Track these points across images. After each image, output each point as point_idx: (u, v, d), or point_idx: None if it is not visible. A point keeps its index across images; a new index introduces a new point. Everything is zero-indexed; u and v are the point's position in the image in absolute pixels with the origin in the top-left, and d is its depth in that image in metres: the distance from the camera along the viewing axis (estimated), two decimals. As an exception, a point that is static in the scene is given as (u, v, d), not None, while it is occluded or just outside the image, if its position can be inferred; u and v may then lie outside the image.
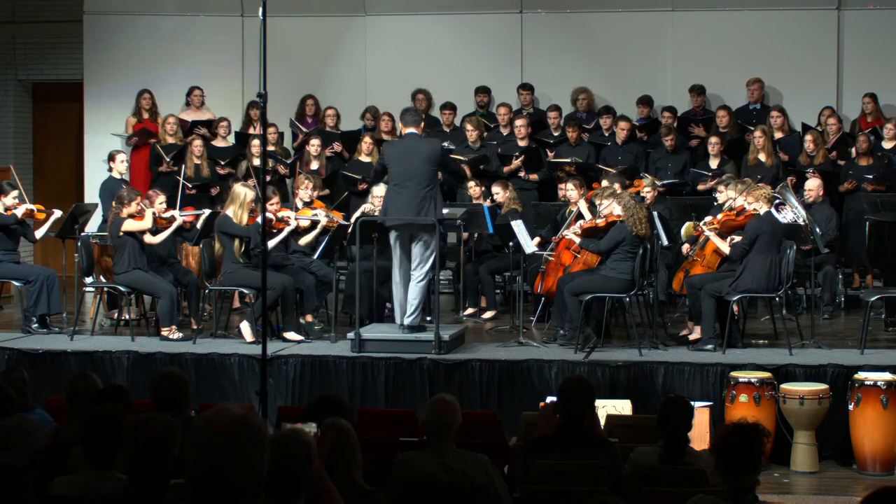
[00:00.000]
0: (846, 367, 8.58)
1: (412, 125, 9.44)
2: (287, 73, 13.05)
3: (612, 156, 12.54)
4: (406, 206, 9.15)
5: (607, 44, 13.77)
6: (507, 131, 13.04)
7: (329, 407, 4.85)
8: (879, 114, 12.80)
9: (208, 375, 9.26)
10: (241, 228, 9.76)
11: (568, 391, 5.69)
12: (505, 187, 11.50)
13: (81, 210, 11.15)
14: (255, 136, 12.48)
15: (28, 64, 15.26)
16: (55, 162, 15.38)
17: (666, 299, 11.00)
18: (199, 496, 2.81)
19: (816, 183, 11.37)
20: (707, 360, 8.91)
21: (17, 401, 5.81)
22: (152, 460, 3.83)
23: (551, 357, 9.08)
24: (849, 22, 13.40)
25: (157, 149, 12.77)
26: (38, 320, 10.36)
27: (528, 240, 10.15)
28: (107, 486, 4.48)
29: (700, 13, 13.66)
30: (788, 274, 9.38)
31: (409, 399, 8.76)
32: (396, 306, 9.45)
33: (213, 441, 2.82)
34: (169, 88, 13.68)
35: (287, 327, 9.85)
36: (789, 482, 8.01)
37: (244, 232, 9.76)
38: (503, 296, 12.07)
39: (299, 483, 3.61)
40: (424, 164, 9.16)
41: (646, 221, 9.41)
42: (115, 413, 4.71)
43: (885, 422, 8.09)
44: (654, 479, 5.42)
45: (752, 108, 13.22)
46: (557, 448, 5.55)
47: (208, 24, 14.24)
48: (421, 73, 13.69)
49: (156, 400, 5.66)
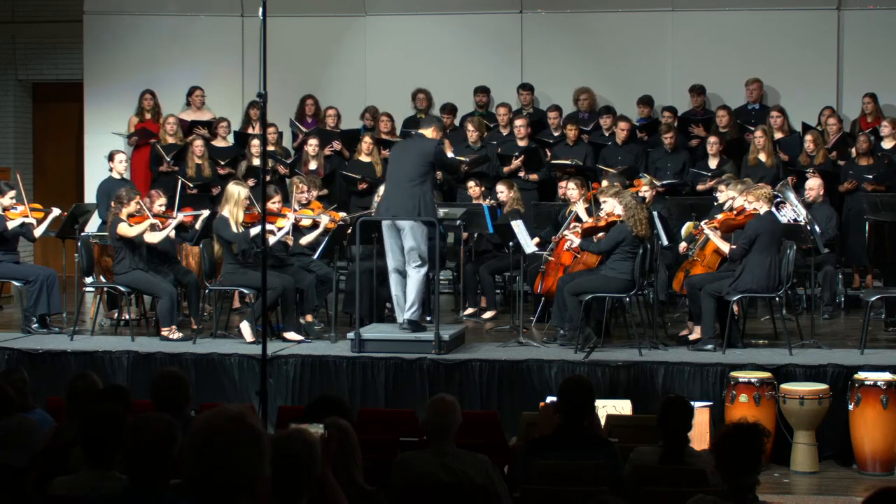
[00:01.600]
0: (846, 367, 8.57)
1: (423, 126, 9.60)
2: (287, 73, 13.06)
3: (612, 156, 12.54)
4: (394, 201, 9.23)
5: (607, 44, 13.78)
6: (507, 131, 13.04)
7: (329, 407, 4.85)
8: (879, 114, 12.81)
9: (208, 375, 9.26)
10: (232, 234, 9.75)
11: (568, 391, 5.69)
12: (510, 187, 11.51)
13: (81, 210, 11.15)
14: (255, 136, 12.49)
15: (28, 64, 15.26)
16: (55, 162, 15.39)
17: (666, 299, 11.00)
18: (196, 496, 2.81)
19: (817, 183, 11.38)
20: (707, 360, 8.91)
21: (17, 401, 5.81)
22: (152, 460, 3.83)
23: (551, 357, 9.08)
24: (849, 22, 13.40)
25: (157, 149, 12.78)
26: (38, 320, 10.36)
27: (528, 240, 10.15)
28: (107, 486, 4.48)
29: (700, 13, 13.66)
30: (788, 274, 9.38)
31: (409, 399, 8.76)
32: (395, 304, 9.47)
33: (210, 440, 2.82)
34: (169, 88, 13.69)
35: (287, 327, 9.85)
36: (789, 482, 8.01)
37: (233, 238, 9.76)
38: (503, 296, 12.07)
39: (301, 483, 3.61)
40: (416, 160, 9.23)
41: (646, 221, 9.41)
42: (115, 413, 4.71)
43: (885, 422, 8.08)
44: (654, 479, 5.42)
45: (751, 108, 13.23)
46: (557, 448, 5.55)
47: (208, 24, 14.24)
48: (421, 73, 13.70)
49: (156, 400, 5.65)
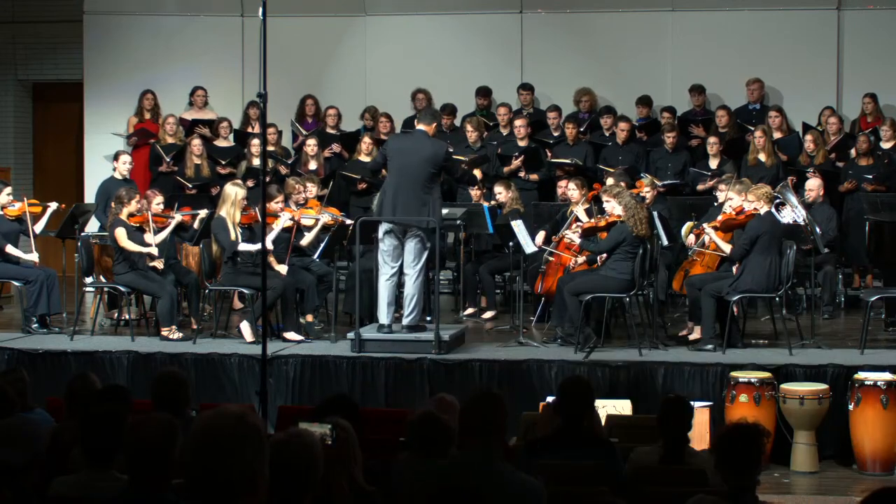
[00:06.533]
0: (846, 367, 8.57)
1: (424, 122, 9.32)
2: (287, 73, 13.05)
3: (612, 156, 12.55)
4: (402, 208, 9.09)
5: (607, 44, 13.78)
6: (507, 131, 13.04)
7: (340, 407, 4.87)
8: (879, 114, 12.81)
9: (208, 375, 9.26)
10: (223, 238, 9.74)
11: (567, 391, 5.70)
12: (507, 187, 11.51)
13: (81, 210, 11.14)
14: (255, 136, 12.49)
15: (28, 64, 15.26)
16: (55, 162, 15.39)
17: (666, 299, 11.00)
18: (197, 495, 2.81)
19: (817, 183, 11.38)
20: (707, 360, 8.91)
21: (17, 401, 5.82)
22: (153, 460, 3.83)
23: (551, 357, 9.07)
24: (849, 22, 13.41)
25: (156, 149, 12.79)
26: (38, 320, 10.36)
27: (528, 240, 10.15)
28: (107, 486, 4.48)
29: (700, 13, 13.67)
30: (788, 274, 9.38)
31: (409, 399, 8.75)
32: (383, 304, 9.30)
33: (210, 440, 2.82)
34: (169, 88, 13.70)
35: (287, 327, 9.85)
36: (789, 482, 8.00)
37: (223, 243, 9.75)
38: (503, 296, 12.07)
39: (303, 484, 3.61)
40: (424, 164, 9.06)
41: (646, 222, 9.41)
42: (115, 413, 4.72)
43: (885, 422, 8.08)
44: (654, 479, 5.42)
45: (751, 107, 13.23)
46: (557, 448, 5.55)
47: (208, 24, 14.25)
48: (421, 73, 13.70)
49: (155, 401, 5.65)
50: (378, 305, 9.36)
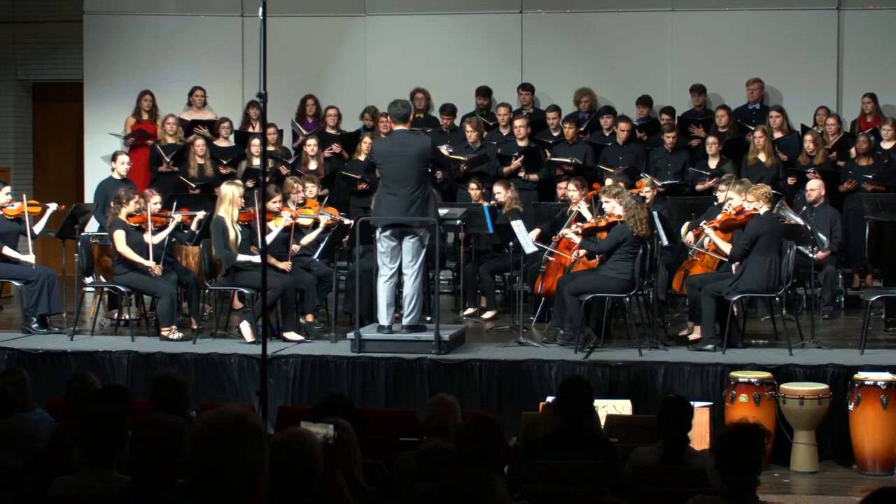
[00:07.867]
0: (846, 367, 8.57)
1: (399, 121, 9.28)
2: (287, 73, 13.05)
3: (612, 156, 12.55)
4: (398, 210, 9.09)
5: (607, 44, 13.78)
6: (506, 131, 13.04)
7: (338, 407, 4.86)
8: (879, 114, 12.81)
9: (208, 375, 9.26)
10: (219, 247, 9.74)
11: (567, 391, 5.70)
12: (507, 187, 11.51)
13: (81, 210, 11.15)
14: (255, 136, 12.49)
15: (28, 64, 15.26)
16: (55, 162, 15.39)
17: (666, 299, 10.99)
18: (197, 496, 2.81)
19: (818, 183, 11.37)
20: (707, 360, 8.91)
21: (17, 401, 5.81)
22: (156, 461, 3.83)
23: (551, 357, 9.07)
24: (849, 22, 13.41)
25: (156, 149, 12.79)
26: (38, 320, 10.36)
27: (528, 240, 10.15)
28: (107, 486, 4.48)
29: (700, 13, 13.67)
30: (788, 274, 9.38)
31: (409, 399, 8.76)
32: (382, 306, 9.31)
33: (209, 439, 2.82)
34: (169, 88, 13.71)
35: (287, 327, 9.85)
36: (789, 482, 8.01)
37: (221, 255, 9.74)
38: (503, 296, 12.07)
39: (303, 484, 3.61)
40: (416, 163, 9.06)
41: (646, 222, 9.41)
42: (115, 413, 4.72)
43: (885, 422, 8.09)
44: (654, 479, 5.42)
45: (751, 107, 13.23)
46: (557, 448, 5.56)
47: (208, 24, 14.25)
48: (421, 73, 13.70)
49: (155, 404, 5.64)
50: (377, 307, 9.37)
